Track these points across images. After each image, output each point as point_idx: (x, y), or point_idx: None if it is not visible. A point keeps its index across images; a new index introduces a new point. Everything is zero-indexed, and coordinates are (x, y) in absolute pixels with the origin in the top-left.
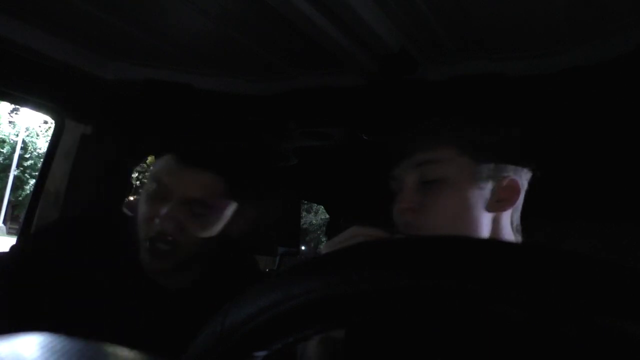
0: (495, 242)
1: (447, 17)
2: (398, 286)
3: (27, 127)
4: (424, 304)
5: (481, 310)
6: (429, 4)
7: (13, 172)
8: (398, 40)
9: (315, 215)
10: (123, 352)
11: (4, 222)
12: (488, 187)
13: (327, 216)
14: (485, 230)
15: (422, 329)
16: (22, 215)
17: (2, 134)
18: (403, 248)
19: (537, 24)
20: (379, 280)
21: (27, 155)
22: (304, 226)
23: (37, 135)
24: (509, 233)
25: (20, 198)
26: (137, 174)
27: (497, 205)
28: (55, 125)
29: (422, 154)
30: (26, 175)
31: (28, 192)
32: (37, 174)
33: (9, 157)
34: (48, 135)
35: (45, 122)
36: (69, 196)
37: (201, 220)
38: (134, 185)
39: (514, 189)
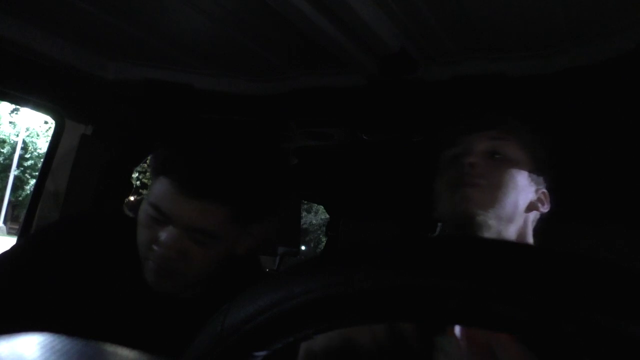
0: (495, 242)
1: (447, 17)
2: (398, 286)
3: (28, 127)
4: (424, 304)
5: (481, 310)
6: (429, 4)
7: (13, 172)
8: (398, 40)
9: (315, 215)
10: (123, 352)
11: (4, 222)
12: (533, 187)
13: (327, 216)
14: (520, 222)
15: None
16: (22, 216)
17: (3, 134)
18: (403, 248)
19: (537, 24)
20: (379, 279)
21: (27, 156)
22: (304, 226)
23: (38, 135)
24: (530, 235)
25: (20, 198)
26: (137, 174)
27: (534, 204)
28: (56, 126)
29: (498, 132)
30: (26, 175)
31: (28, 192)
32: (37, 174)
33: (9, 157)
34: (48, 136)
35: (46, 122)
36: (69, 196)
37: (206, 248)
38: (134, 186)
39: (547, 198)
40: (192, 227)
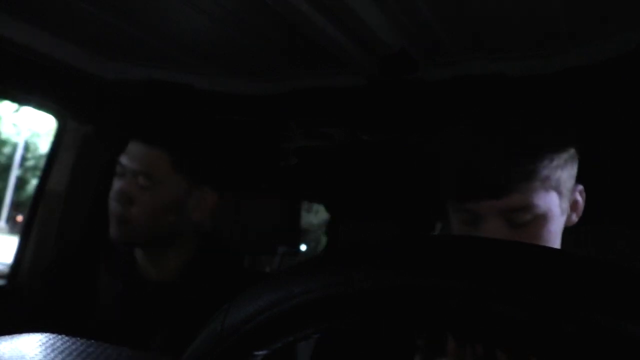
0: (495, 242)
1: (447, 17)
2: (398, 286)
3: (29, 127)
4: (424, 304)
5: (481, 310)
6: (429, 4)
7: (15, 171)
8: (398, 40)
9: (316, 215)
10: (123, 352)
11: (6, 221)
12: (567, 206)
13: (327, 216)
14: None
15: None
16: (24, 215)
17: (4, 134)
18: (403, 248)
19: (537, 24)
20: (379, 279)
21: (29, 155)
22: (304, 226)
23: (39, 136)
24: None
25: (21, 198)
26: None
27: (569, 220)
28: (57, 126)
29: (516, 198)
30: (28, 175)
31: (29, 192)
32: (38, 173)
33: (11, 157)
34: (50, 136)
35: (47, 123)
36: (69, 196)
37: (149, 193)
38: None
39: (582, 197)
40: (139, 170)
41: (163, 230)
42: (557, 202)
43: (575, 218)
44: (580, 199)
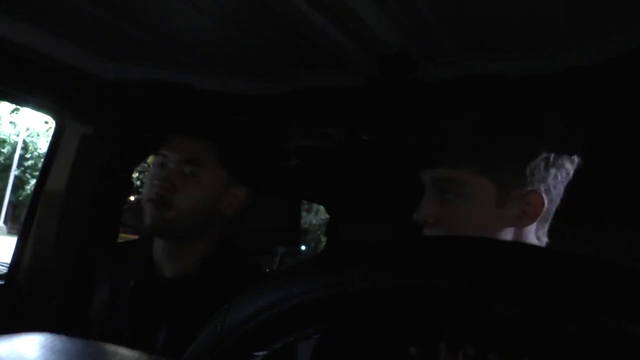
0: (495, 242)
1: (447, 17)
2: (398, 286)
3: (28, 127)
4: (424, 304)
5: (481, 310)
6: (429, 4)
7: (14, 172)
8: (398, 40)
9: (315, 215)
10: (123, 352)
11: (5, 222)
12: (511, 204)
13: (327, 216)
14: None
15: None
16: (22, 215)
17: (3, 134)
18: (403, 248)
19: (537, 24)
20: (379, 279)
21: (27, 155)
22: (304, 226)
23: (38, 135)
24: (530, 238)
25: (20, 198)
26: (137, 174)
27: (519, 221)
28: (56, 125)
29: (444, 171)
30: (27, 175)
31: (28, 192)
32: (37, 173)
33: (10, 157)
34: (48, 136)
35: (46, 122)
36: (69, 196)
37: (193, 179)
38: (134, 186)
39: (538, 203)
40: (186, 159)
41: (199, 220)
42: (489, 190)
43: (528, 221)
44: (534, 203)
